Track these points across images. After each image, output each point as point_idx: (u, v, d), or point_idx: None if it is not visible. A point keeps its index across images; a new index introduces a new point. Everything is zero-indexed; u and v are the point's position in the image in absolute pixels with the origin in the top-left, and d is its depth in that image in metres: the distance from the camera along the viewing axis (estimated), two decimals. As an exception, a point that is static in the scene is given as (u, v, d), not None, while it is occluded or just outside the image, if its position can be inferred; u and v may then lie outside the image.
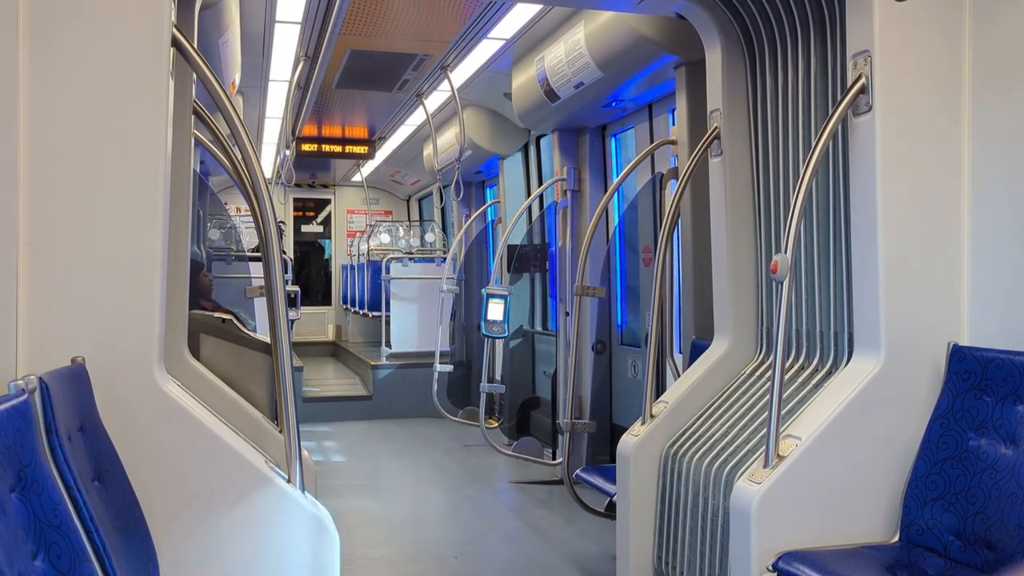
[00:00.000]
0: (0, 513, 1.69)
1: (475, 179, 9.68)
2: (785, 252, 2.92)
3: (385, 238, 12.33)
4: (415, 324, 9.92)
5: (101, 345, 2.55)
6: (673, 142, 4.93)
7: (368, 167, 12.11)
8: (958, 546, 2.77)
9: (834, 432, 2.92)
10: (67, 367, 2.41)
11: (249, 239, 9.59)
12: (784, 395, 3.14)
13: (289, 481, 2.70)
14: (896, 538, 2.96)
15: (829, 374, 3.31)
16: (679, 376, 4.23)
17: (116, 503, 2.34)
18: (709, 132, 3.92)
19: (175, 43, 2.65)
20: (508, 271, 7.85)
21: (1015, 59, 2.86)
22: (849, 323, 3.23)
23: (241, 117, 2.79)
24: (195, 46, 2.75)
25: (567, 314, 6.43)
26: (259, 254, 2.94)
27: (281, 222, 13.48)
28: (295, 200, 14.60)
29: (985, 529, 2.69)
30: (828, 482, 2.93)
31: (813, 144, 3.03)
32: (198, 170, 5.52)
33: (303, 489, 2.71)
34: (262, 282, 2.84)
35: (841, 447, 2.93)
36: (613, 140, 6.66)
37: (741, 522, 2.91)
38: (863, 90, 2.97)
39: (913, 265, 3.00)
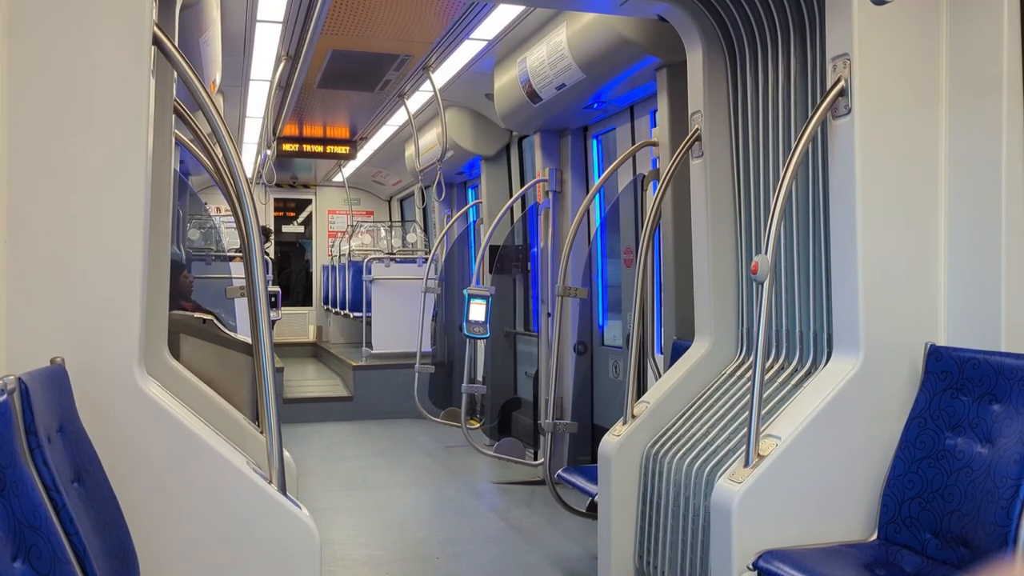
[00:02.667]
0: (-21, 515, 1.68)
1: (457, 180, 9.68)
2: (765, 253, 2.94)
3: (367, 239, 12.31)
4: (396, 325, 9.88)
5: (81, 346, 2.53)
6: (655, 144, 4.94)
7: (349, 167, 12.08)
8: (935, 544, 2.80)
9: (813, 432, 2.94)
10: (46, 368, 2.39)
11: (229, 239, 9.54)
12: (764, 395, 3.16)
13: (270, 482, 2.69)
14: (874, 536, 2.99)
15: (809, 374, 3.33)
16: (660, 376, 4.25)
17: (96, 504, 2.33)
18: (690, 134, 3.94)
19: (156, 42, 2.63)
20: (490, 272, 7.85)
21: (991, 62, 2.90)
22: (828, 323, 3.26)
23: (223, 117, 2.78)
24: (176, 45, 2.73)
25: (549, 315, 6.44)
26: (240, 254, 2.93)
27: (267, 229, 13.42)
28: (276, 200, 14.53)
29: (961, 527, 2.72)
30: (808, 481, 2.95)
31: (793, 146, 3.06)
32: (178, 169, 5.49)
33: (284, 490, 2.71)
34: (243, 282, 2.82)
35: (820, 446, 2.96)
36: (595, 141, 6.68)
37: (722, 521, 2.93)
38: (842, 93, 2.99)
39: (891, 266, 3.03)
